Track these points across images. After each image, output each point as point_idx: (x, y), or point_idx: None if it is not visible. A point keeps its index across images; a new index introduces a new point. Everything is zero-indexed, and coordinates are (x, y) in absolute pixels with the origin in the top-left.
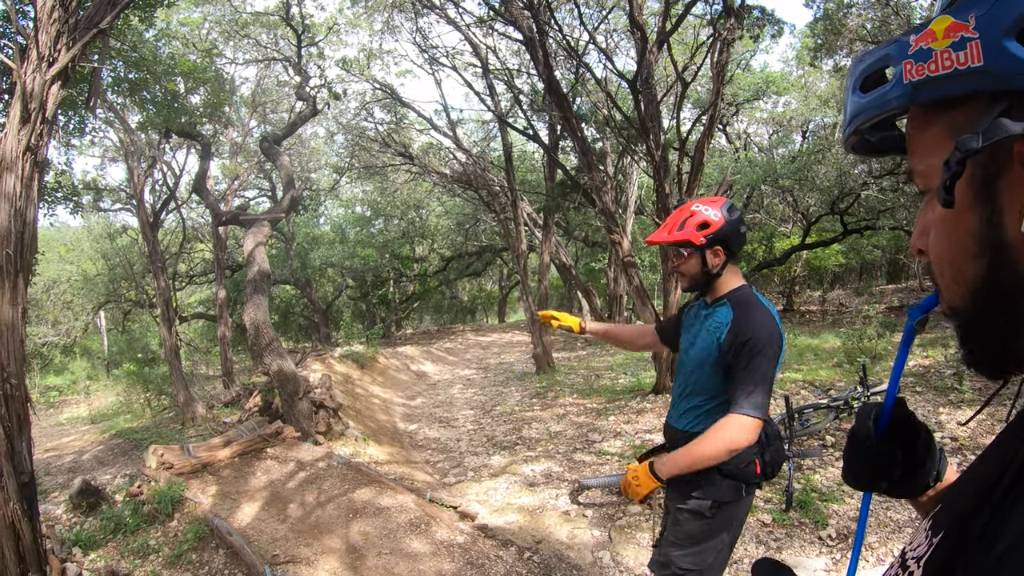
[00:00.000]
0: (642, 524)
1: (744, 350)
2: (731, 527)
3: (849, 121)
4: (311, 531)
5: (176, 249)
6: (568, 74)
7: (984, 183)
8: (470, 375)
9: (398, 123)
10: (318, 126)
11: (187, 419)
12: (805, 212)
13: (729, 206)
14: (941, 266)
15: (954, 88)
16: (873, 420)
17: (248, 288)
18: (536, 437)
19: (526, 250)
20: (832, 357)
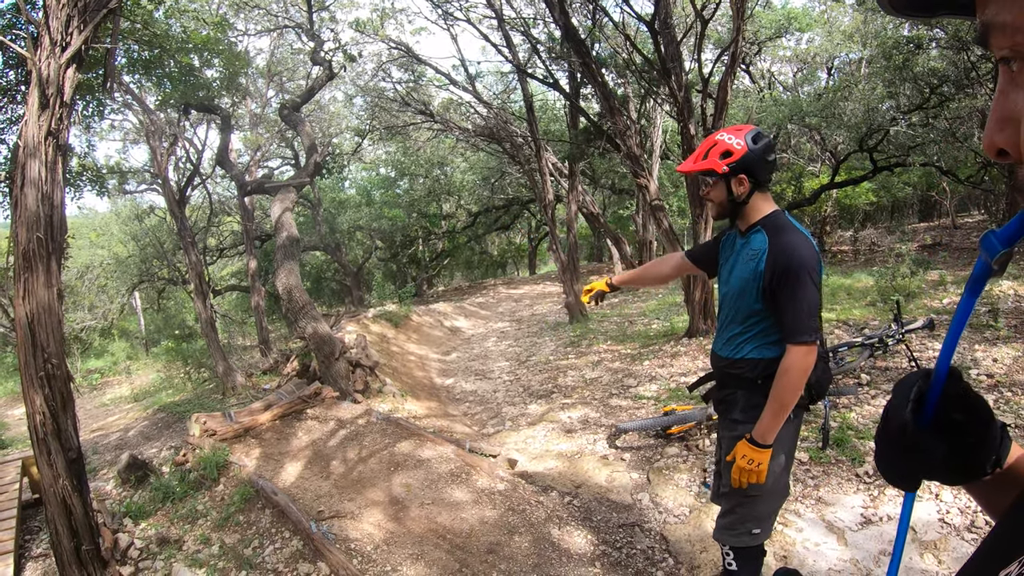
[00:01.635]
0: (679, 466)
1: (787, 277)
2: (784, 450)
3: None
4: (354, 486)
5: (204, 224)
6: (585, 20)
7: None
8: (503, 328)
9: (416, 81)
10: (336, 90)
11: (227, 389)
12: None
13: (755, 134)
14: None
15: None
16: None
17: (279, 254)
18: (572, 385)
19: (553, 200)
20: (865, 296)
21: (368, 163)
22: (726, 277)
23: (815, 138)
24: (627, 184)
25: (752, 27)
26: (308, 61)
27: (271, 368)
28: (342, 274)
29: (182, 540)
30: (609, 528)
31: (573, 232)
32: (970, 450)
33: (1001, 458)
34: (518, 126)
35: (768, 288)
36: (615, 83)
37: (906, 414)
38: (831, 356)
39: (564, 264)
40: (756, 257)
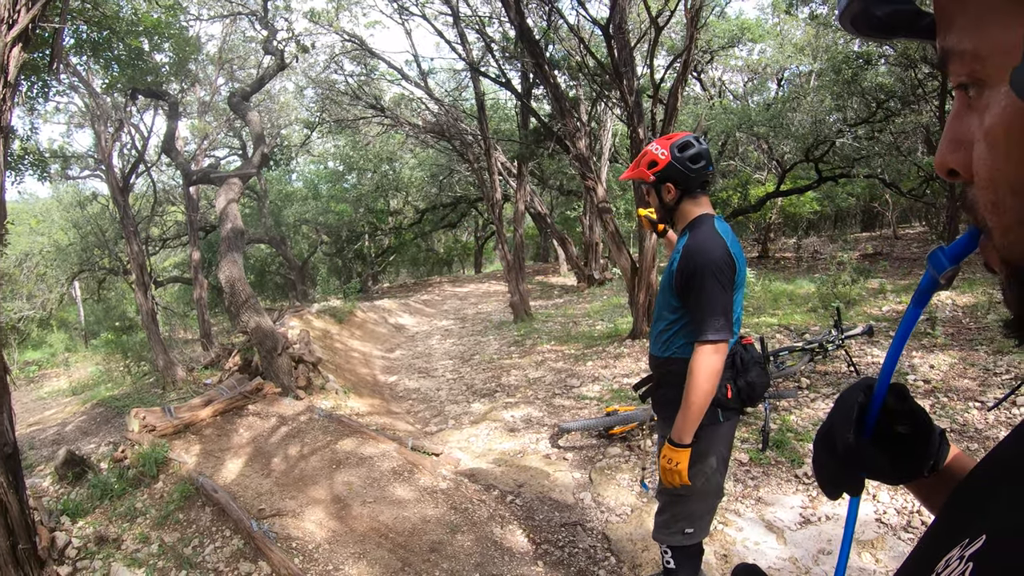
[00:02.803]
0: (621, 466)
1: (692, 276)
2: (717, 452)
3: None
4: (296, 484)
5: (148, 213)
6: (540, 20)
7: None
8: (448, 326)
9: (368, 75)
10: (287, 80)
11: (168, 383)
12: (780, 159)
13: (682, 143)
14: (999, 197)
15: None
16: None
17: (222, 246)
18: (515, 384)
19: (501, 199)
20: (807, 302)
21: (316, 156)
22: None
23: (763, 147)
24: (575, 186)
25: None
26: (260, 50)
27: (213, 362)
28: (287, 268)
29: (121, 539)
30: (551, 527)
31: (520, 232)
32: (911, 457)
33: (939, 462)
34: (469, 124)
35: (679, 287)
36: (567, 85)
37: (849, 436)
38: (772, 360)
39: (510, 263)
40: (673, 258)
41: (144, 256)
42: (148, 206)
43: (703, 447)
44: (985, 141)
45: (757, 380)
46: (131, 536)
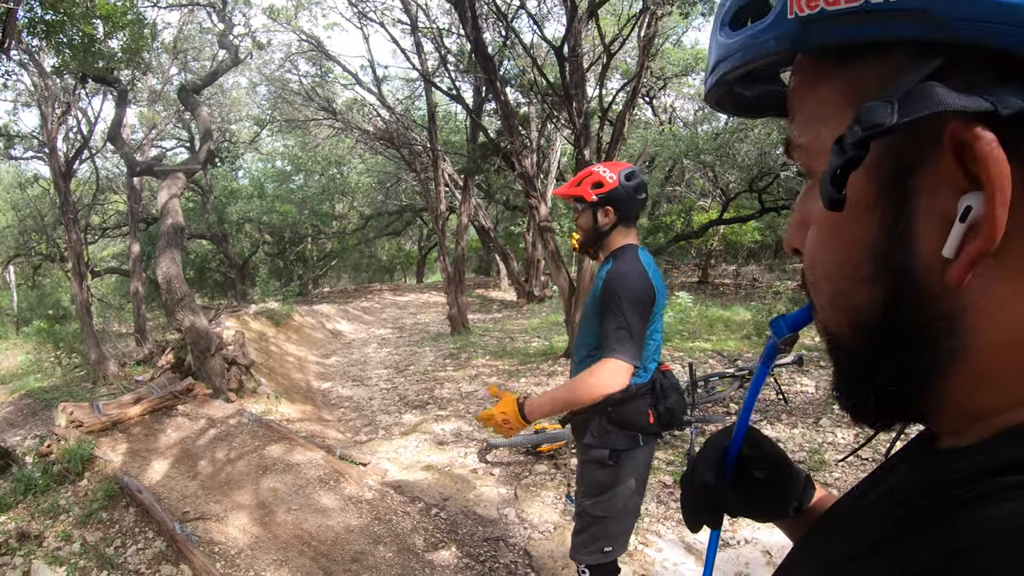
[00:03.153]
0: (546, 483)
1: (612, 300)
2: (636, 474)
3: (712, 67)
4: (221, 488)
5: (89, 200)
6: (496, 37)
7: (894, 176)
8: (385, 334)
9: (323, 77)
10: (240, 76)
11: (99, 377)
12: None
13: (629, 172)
14: (817, 279)
15: (862, 31)
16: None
17: (162, 241)
18: (448, 397)
19: (446, 211)
20: (742, 329)
21: (264, 154)
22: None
23: (708, 175)
24: (521, 202)
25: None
26: (215, 42)
27: (146, 359)
28: (227, 266)
29: (43, 536)
30: (474, 541)
31: (462, 244)
32: (773, 499)
33: (803, 503)
34: (418, 134)
35: (599, 311)
36: (518, 102)
37: (708, 476)
38: (703, 384)
39: (450, 276)
40: (598, 284)
41: (82, 245)
42: (90, 193)
43: (624, 470)
44: (812, 229)
45: (676, 406)
46: (53, 534)
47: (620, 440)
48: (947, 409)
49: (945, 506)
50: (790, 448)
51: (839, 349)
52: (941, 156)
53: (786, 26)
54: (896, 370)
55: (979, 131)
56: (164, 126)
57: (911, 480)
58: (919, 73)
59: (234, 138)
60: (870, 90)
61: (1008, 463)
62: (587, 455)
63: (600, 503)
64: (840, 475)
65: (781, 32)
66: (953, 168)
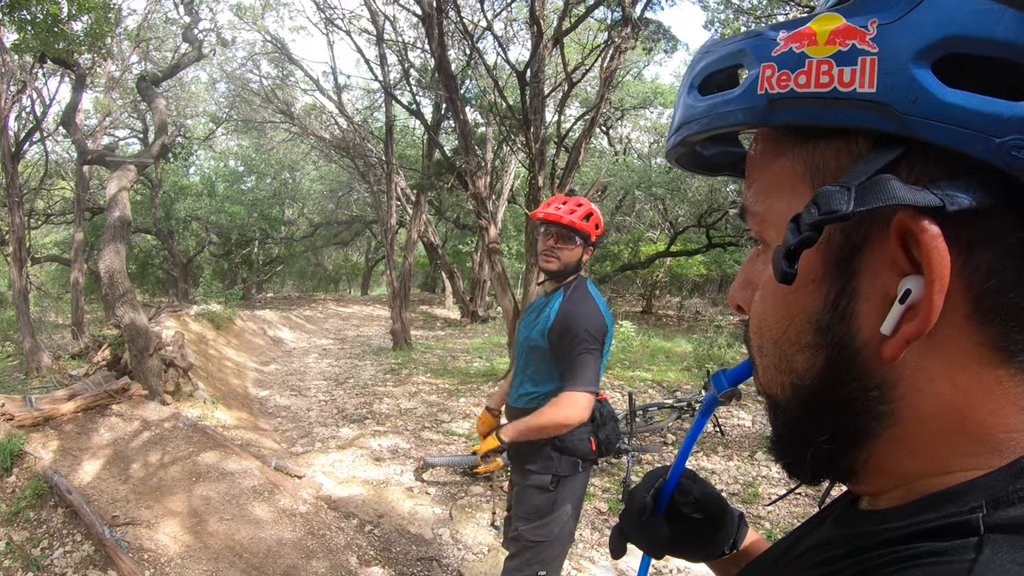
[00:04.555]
0: (482, 504)
1: (569, 335)
2: (572, 499)
3: (677, 127)
4: (153, 493)
5: (36, 184)
6: (461, 56)
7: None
8: (327, 345)
9: (284, 79)
10: (201, 71)
11: (31, 368)
12: (674, 221)
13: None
14: (763, 342)
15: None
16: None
17: (107, 234)
18: (386, 412)
19: (396, 225)
20: (683, 361)
21: (217, 153)
22: (525, 333)
23: (659, 207)
24: (470, 220)
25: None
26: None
27: (81, 353)
28: (170, 263)
29: None
30: (408, 560)
31: (410, 260)
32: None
33: (737, 542)
34: (375, 145)
35: (553, 342)
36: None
37: (647, 498)
38: (641, 414)
39: (395, 290)
40: (548, 315)
41: (25, 230)
42: (37, 177)
43: (561, 496)
44: (760, 293)
45: (612, 434)
46: None
47: (563, 466)
48: (873, 471)
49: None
50: (725, 480)
51: (777, 409)
52: (887, 240)
53: (755, 100)
54: (830, 432)
55: (926, 224)
56: (119, 115)
57: (833, 537)
58: (876, 162)
59: (189, 134)
60: (828, 170)
61: (924, 531)
62: (528, 480)
63: (537, 528)
64: (772, 509)
65: (750, 105)
66: (897, 252)
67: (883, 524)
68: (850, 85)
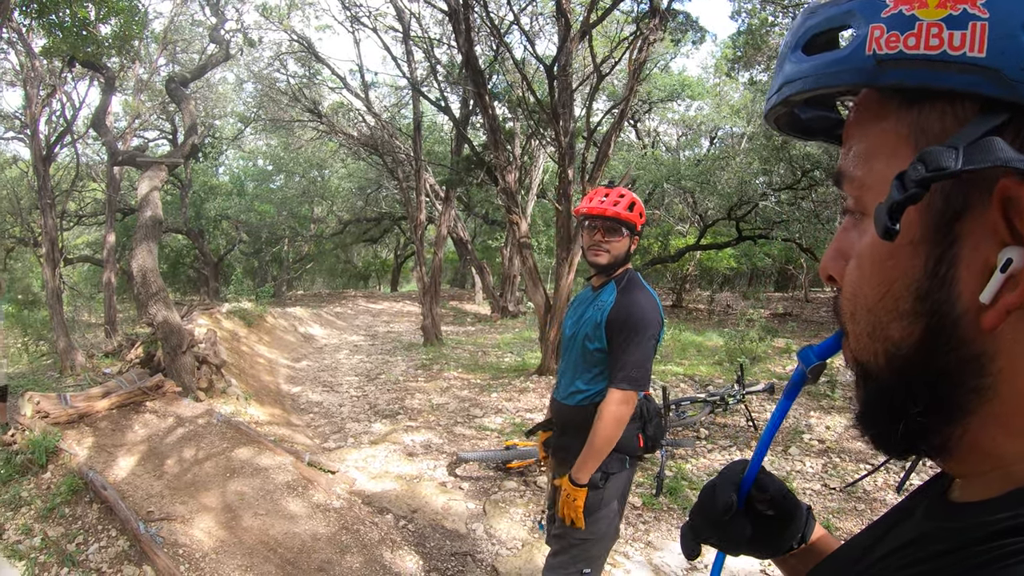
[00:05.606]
0: (515, 500)
1: (626, 327)
2: (619, 496)
3: (779, 87)
4: (187, 489)
5: (67, 186)
6: (488, 51)
7: (942, 219)
8: (358, 341)
9: (311, 78)
10: (228, 71)
11: (66, 367)
12: (703, 214)
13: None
14: (856, 309)
15: (936, 79)
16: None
17: (139, 234)
18: (418, 408)
19: (425, 221)
20: (714, 355)
21: (246, 152)
22: (571, 326)
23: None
24: (499, 216)
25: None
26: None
27: (114, 351)
28: (201, 262)
29: (2, 528)
30: (442, 555)
31: (440, 255)
32: (778, 532)
33: (806, 536)
34: (403, 142)
35: (607, 337)
36: (505, 117)
37: (732, 496)
38: (674, 408)
39: (426, 286)
40: (602, 308)
41: (57, 231)
42: (69, 179)
43: (609, 492)
44: (855, 261)
45: (658, 430)
46: (14, 526)
47: (612, 463)
48: (968, 448)
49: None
50: None
51: (868, 378)
52: (988, 207)
53: (864, 61)
54: (925, 403)
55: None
56: (148, 116)
57: (931, 531)
58: (983, 126)
59: (218, 134)
60: (933, 133)
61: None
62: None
63: (586, 524)
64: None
65: (857, 66)
66: (999, 220)
67: (987, 516)
68: (960, 49)
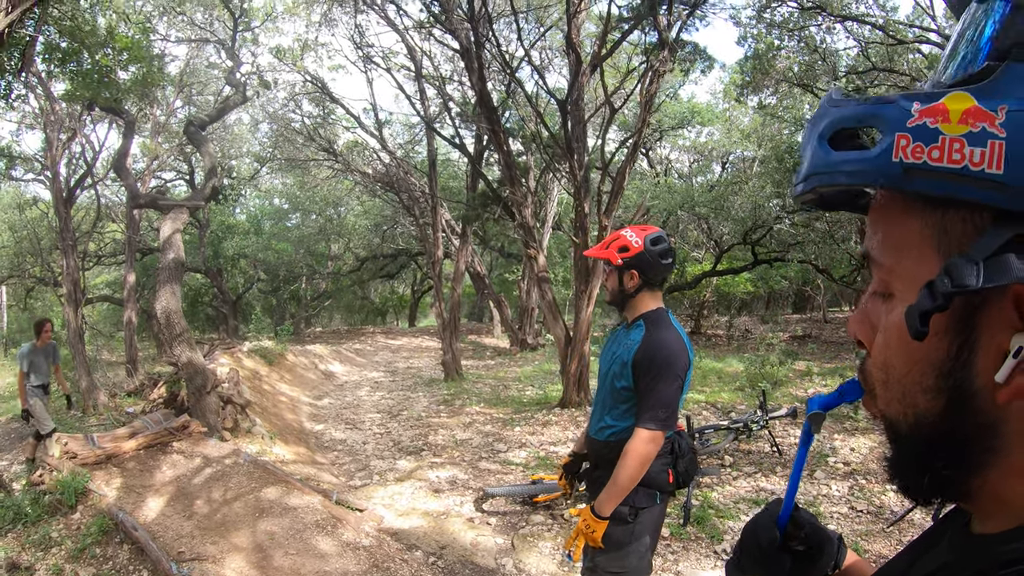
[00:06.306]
0: (543, 534)
1: (651, 368)
2: (651, 531)
3: (807, 176)
4: (217, 529)
5: (88, 228)
6: (499, 86)
7: (963, 314)
8: (378, 378)
9: (325, 118)
10: (243, 112)
11: (88, 407)
12: (718, 240)
13: (655, 237)
14: (887, 380)
15: (957, 190)
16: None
17: (162, 275)
18: (442, 443)
19: (442, 256)
20: (735, 381)
21: (263, 191)
22: (604, 364)
23: (703, 226)
24: (515, 249)
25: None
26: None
27: (136, 390)
28: (220, 301)
29: (33, 567)
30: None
31: (458, 291)
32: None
33: (839, 563)
34: (418, 179)
35: (635, 376)
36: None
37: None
38: (697, 436)
39: (445, 321)
40: (631, 347)
41: (79, 272)
42: (89, 220)
43: (640, 527)
44: (884, 336)
45: (691, 466)
46: (45, 566)
47: (641, 498)
48: (986, 494)
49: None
50: None
51: (898, 436)
52: (1004, 303)
53: (891, 167)
54: (948, 460)
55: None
56: (165, 158)
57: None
58: (999, 237)
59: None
60: (955, 237)
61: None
62: None
63: (616, 559)
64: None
65: (884, 170)
66: (1013, 315)
67: (1000, 546)
68: (979, 165)
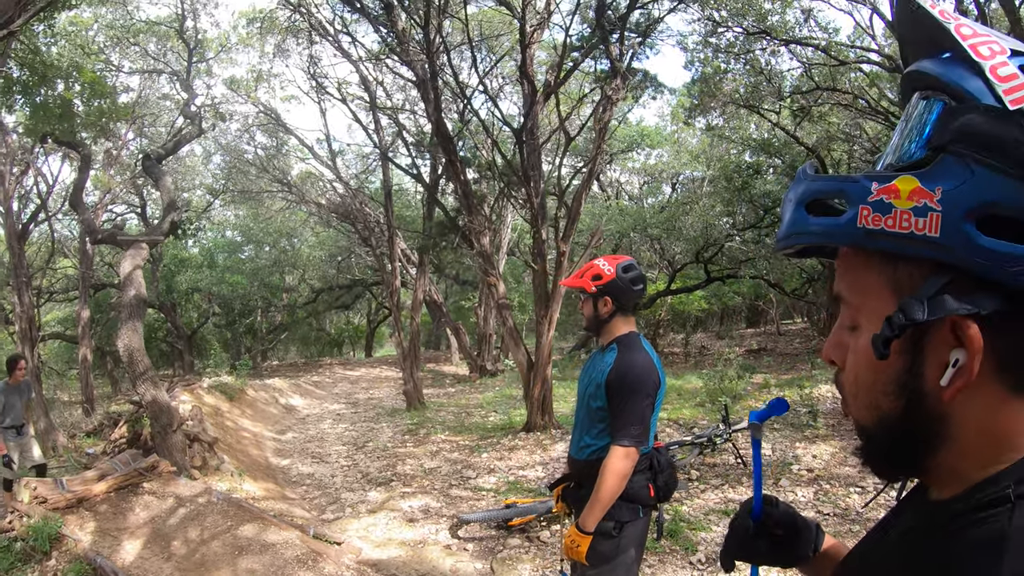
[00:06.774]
0: (522, 556)
1: (623, 387)
2: (635, 544)
3: (787, 235)
4: (197, 569)
5: (41, 264)
6: (454, 114)
7: (914, 338)
8: (340, 410)
9: (278, 149)
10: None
11: (47, 448)
12: (671, 260)
13: (627, 265)
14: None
15: (906, 248)
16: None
17: (124, 313)
18: (411, 473)
19: (399, 286)
20: (695, 397)
21: (215, 224)
22: (582, 386)
23: (655, 247)
24: (471, 276)
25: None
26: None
27: (95, 430)
28: (174, 336)
29: None
30: None
31: (417, 320)
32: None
33: (818, 546)
34: (373, 209)
35: (608, 396)
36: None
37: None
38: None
39: (405, 351)
40: (604, 369)
41: (33, 309)
42: (42, 256)
43: (625, 541)
44: (854, 357)
45: (670, 480)
46: None
47: (624, 512)
48: (939, 470)
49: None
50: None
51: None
52: (944, 328)
53: (856, 231)
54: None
55: (968, 321)
56: (118, 191)
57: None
58: (937, 282)
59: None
60: (905, 283)
61: (977, 505)
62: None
63: (604, 573)
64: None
65: (851, 233)
66: (950, 336)
67: (953, 505)
68: (923, 230)
